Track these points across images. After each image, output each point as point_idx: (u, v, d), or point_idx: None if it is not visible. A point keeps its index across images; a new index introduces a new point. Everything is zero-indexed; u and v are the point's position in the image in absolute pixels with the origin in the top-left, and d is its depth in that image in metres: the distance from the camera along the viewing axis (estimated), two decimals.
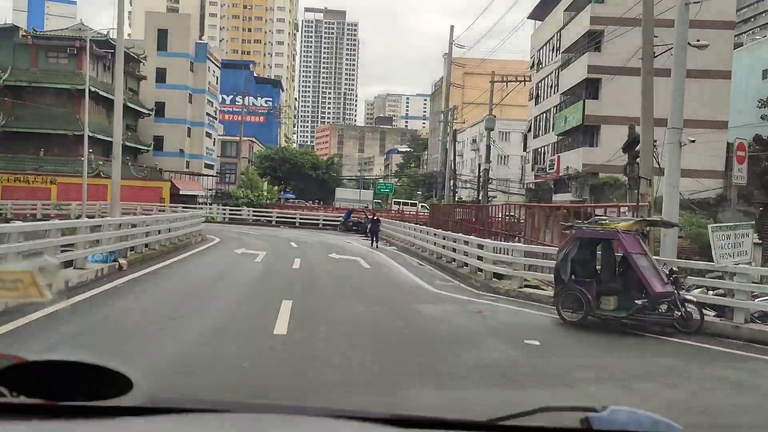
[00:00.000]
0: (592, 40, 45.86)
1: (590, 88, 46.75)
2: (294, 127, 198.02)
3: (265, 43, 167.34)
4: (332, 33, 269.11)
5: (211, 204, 60.49)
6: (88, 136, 51.59)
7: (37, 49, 51.65)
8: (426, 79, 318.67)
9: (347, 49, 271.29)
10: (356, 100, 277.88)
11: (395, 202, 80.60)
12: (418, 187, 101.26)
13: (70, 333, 8.83)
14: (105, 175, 48.07)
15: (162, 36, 66.45)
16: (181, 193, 47.48)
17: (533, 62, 67.58)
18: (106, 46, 55.25)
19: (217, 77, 76.34)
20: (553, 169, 52.08)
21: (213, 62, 72.98)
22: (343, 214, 46.01)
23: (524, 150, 70.73)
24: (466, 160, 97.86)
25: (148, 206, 43.22)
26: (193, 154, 69.27)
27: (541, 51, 62.33)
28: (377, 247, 32.56)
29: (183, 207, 46.35)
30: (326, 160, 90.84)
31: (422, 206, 78.40)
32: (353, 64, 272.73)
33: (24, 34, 53.62)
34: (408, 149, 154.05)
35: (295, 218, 48.43)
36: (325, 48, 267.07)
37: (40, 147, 52.02)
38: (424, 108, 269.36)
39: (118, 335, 9.26)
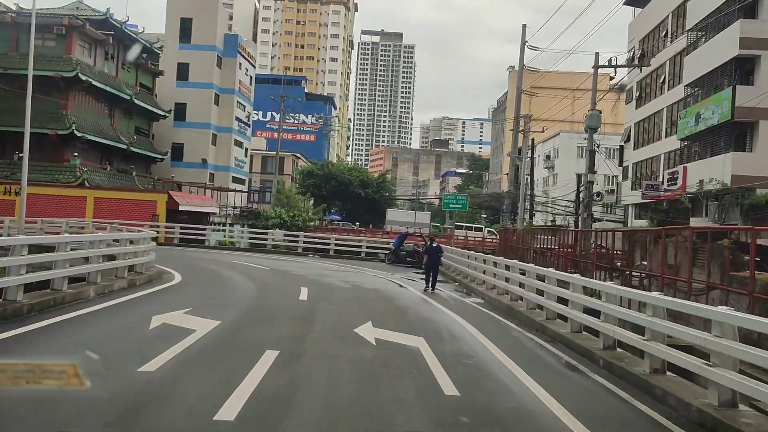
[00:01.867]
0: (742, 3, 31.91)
1: (740, 70, 32.77)
2: (348, 149, 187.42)
3: (318, 60, 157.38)
4: (388, 55, 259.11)
5: (231, 225, 48.17)
6: (80, 136, 40.14)
7: (18, 29, 40.62)
8: (482, 106, 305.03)
9: (403, 72, 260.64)
10: (411, 123, 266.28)
11: (457, 226, 67.31)
12: (481, 210, 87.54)
13: None
14: (92, 185, 36.26)
15: (185, 26, 55.21)
16: (181, 208, 35.46)
17: (632, 56, 53.24)
18: (106, 27, 43.92)
19: (251, 77, 64.69)
20: (676, 184, 37.89)
21: (246, 59, 61.41)
22: (394, 240, 32.97)
23: (620, 164, 56.39)
24: (538, 179, 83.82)
25: (118, 224, 31.12)
26: (218, 166, 57.51)
27: (647, 40, 48.42)
28: (433, 290, 20.32)
29: (181, 227, 34.08)
30: (377, 178, 78.12)
31: (489, 231, 64.92)
32: (409, 86, 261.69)
33: (3, 10, 42.75)
34: (467, 171, 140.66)
35: (328, 244, 35.49)
36: (381, 70, 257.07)
37: (16, 149, 40.77)
38: (481, 133, 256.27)
39: None
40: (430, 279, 21.15)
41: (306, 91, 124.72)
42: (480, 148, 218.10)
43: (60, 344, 8.80)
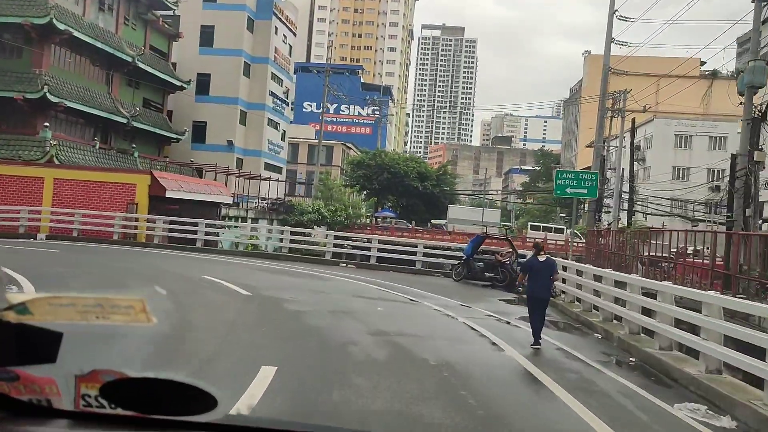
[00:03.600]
0: None
1: None
2: (405, 145, 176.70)
3: (375, 50, 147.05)
4: (449, 50, 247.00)
5: (255, 220, 37.77)
6: (56, 102, 30.39)
7: None
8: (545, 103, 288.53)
9: (464, 67, 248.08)
10: (472, 120, 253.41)
11: (531, 227, 55.51)
12: (558, 208, 75.06)
13: None
14: (63, 162, 26.32)
15: None
16: (169, 195, 25.10)
17: None
18: None
19: (290, 46, 54.31)
20: None
21: (284, 23, 51.04)
22: (466, 245, 21.60)
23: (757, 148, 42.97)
24: (624, 173, 71.04)
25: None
26: (248, 150, 47.35)
27: None
28: (536, 342, 10.18)
29: (171, 221, 23.82)
30: (437, 169, 66.84)
31: (572, 233, 52.97)
32: (470, 82, 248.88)
33: None
34: (534, 167, 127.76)
35: (368, 248, 24.19)
36: (441, 65, 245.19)
37: None
38: (544, 132, 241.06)
39: None
40: (536, 322, 10.31)
41: (362, 81, 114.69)
42: (543, 146, 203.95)
43: None
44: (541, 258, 11.58)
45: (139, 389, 1.08)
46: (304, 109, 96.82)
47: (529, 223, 57.06)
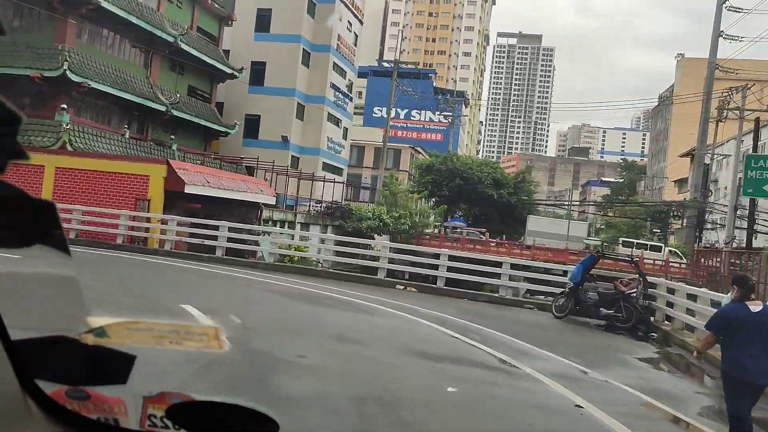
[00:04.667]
0: None
1: None
2: (478, 153, 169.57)
3: (450, 55, 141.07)
4: (525, 58, 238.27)
5: (304, 225, 32.45)
6: (79, 82, 25.97)
7: None
8: (624, 115, 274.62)
9: (541, 76, 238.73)
10: (548, 130, 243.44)
11: (624, 243, 48.09)
12: (649, 224, 66.87)
13: None
14: (76, 149, 21.58)
15: None
16: (189, 190, 19.88)
17: None
18: None
19: (356, 35, 48.97)
20: None
21: (349, 8, 45.75)
22: (573, 269, 15.29)
23: None
24: (724, 186, 63.70)
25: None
26: (305, 147, 42.20)
27: None
28: None
29: (190, 223, 18.59)
30: (514, 176, 60.17)
31: (671, 251, 45.31)
32: (546, 91, 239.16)
33: None
34: (617, 179, 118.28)
35: (435, 266, 18.02)
36: (517, 73, 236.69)
37: None
38: (623, 143, 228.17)
39: None
40: (747, 425, 4.15)
41: (435, 86, 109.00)
42: (622, 158, 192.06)
43: None
44: (755, 307, 5.57)
45: (203, 412, 1.09)
46: (374, 114, 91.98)
47: (621, 239, 49.64)
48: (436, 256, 17.62)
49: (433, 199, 54.66)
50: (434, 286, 17.07)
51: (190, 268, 16.31)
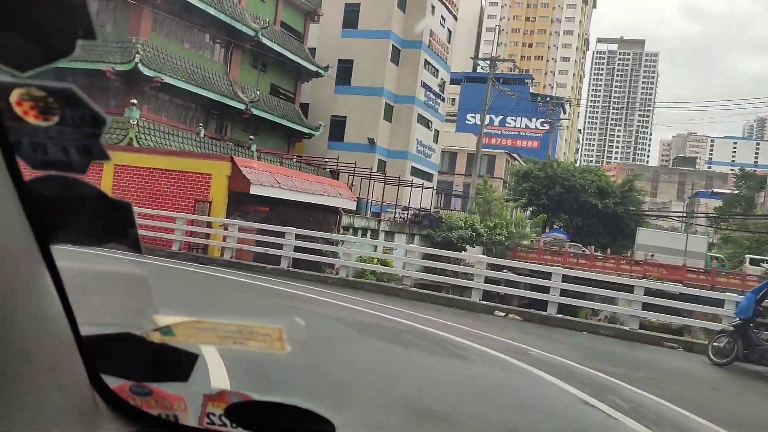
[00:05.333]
0: None
1: None
2: (576, 162, 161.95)
3: (547, 60, 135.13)
4: (627, 64, 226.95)
5: (389, 234, 29.44)
6: (151, 77, 24.23)
7: None
8: (735, 124, 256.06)
9: (643, 82, 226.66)
10: (650, 139, 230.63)
11: (751, 261, 42.09)
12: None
13: None
14: (144, 146, 19.54)
15: None
16: (255, 192, 17.23)
17: None
18: None
19: (449, 30, 45.57)
20: None
21: (443, 2, 42.45)
22: (743, 298, 11.38)
23: None
24: None
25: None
26: (392, 150, 39.24)
27: None
28: None
29: (257, 228, 15.93)
30: (621, 185, 54.92)
31: None
32: (649, 98, 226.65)
33: None
34: (734, 191, 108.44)
35: (547, 288, 14.43)
36: (617, 80, 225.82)
37: None
38: (734, 153, 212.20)
39: None
40: None
41: (531, 92, 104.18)
42: (732, 170, 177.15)
43: None
44: None
45: (262, 412, 1.11)
46: (467, 122, 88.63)
47: (747, 256, 43.62)
48: (546, 275, 13.97)
49: (530, 209, 50.45)
50: (543, 313, 13.44)
51: (249, 283, 13.50)
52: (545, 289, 13.67)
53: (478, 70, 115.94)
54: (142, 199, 18.17)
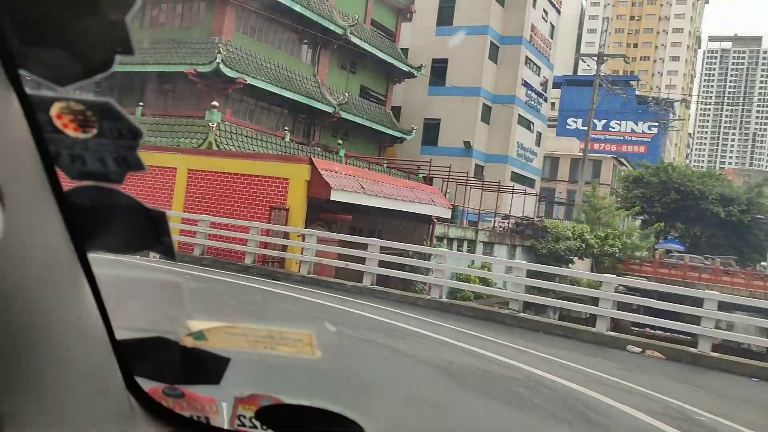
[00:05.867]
0: None
1: None
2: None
3: (654, 60, 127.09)
4: (741, 63, 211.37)
5: (485, 245, 26.73)
6: (233, 78, 22.92)
7: None
8: None
9: (761, 82, 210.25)
10: None
11: None
12: None
13: None
14: (226, 151, 18.01)
15: None
16: (336, 198, 15.11)
17: None
18: None
19: (552, 25, 42.16)
20: None
21: None
22: None
23: None
24: None
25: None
26: (490, 154, 36.36)
27: None
28: None
29: (339, 240, 13.83)
30: (748, 191, 49.24)
31: None
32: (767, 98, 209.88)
33: None
34: None
35: (697, 318, 11.26)
36: (731, 80, 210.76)
37: (138, 97, 25.01)
38: None
39: None
40: None
41: (637, 93, 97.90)
42: None
43: None
44: None
45: (292, 414, 1.12)
46: (568, 126, 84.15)
47: None
48: (696, 300, 10.90)
49: (641, 217, 46.02)
50: (693, 350, 10.38)
51: (322, 305, 11.30)
52: (695, 318, 10.63)
53: (579, 73, 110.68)
54: (215, 205, 16.48)
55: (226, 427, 1.12)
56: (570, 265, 29.63)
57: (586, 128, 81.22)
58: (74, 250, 0.75)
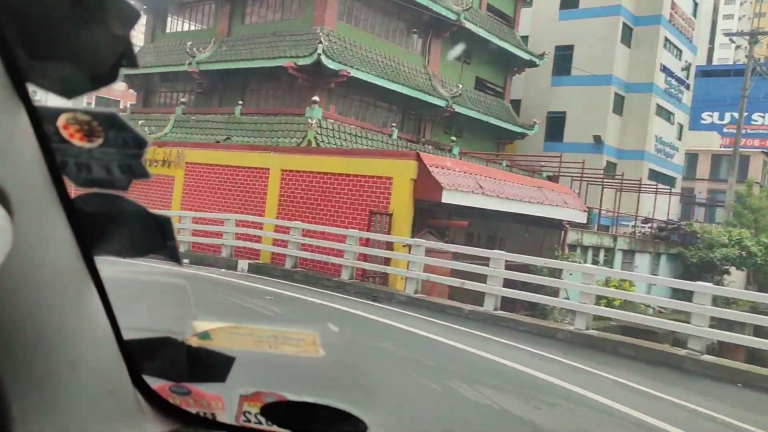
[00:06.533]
0: None
1: None
2: None
3: None
4: None
5: (625, 254, 22.98)
6: (336, 71, 20.90)
7: None
8: None
9: None
10: None
11: None
12: None
13: None
14: (325, 149, 15.88)
15: None
16: (447, 201, 12.41)
17: None
18: None
19: (695, 2, 36.94)
20: None
21: None
22: None
23: None
24: None
25: None
26: (624, 150, 32.09)
27: None
28: None
29: (453, 252, 11.09)
30: None
31: None
32: None
33: None
34: None
35: None
36: None
37: (239, 95, 23.33)
38: None
39: None
40: None
41: None
42: None
43: None
44: None
45: (296, 411, 1.13)
46: (702, 121, 76.25)
47: None
48: None
49: None
50: None
51: (426, 339, 8.55)
52: None
53: (713, 63, 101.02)
54: (309, 210, 14.22)
55: (232, 423, 1.12)
56: (725, 276, 25.09)
57: (722, 122, 73.19)
58: (81, 255, 0.77)
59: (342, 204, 13.70)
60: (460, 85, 25.75)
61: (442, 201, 12.70)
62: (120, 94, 39.86)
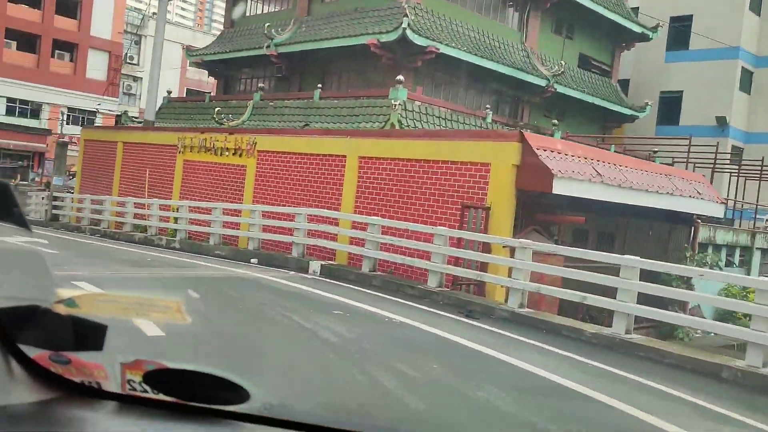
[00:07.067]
0: None
1: None
2: None
3: None
4: None
5: (764, 253, 19.48)
6: (423, 47, 18.74)
7: None
8: None
9: None
10: None
11: None
12: None
13: None
14: (407, 133, 13.83)
15: None
16: (559, 191, 9.98)
17: None
18: None
19: None
20: None
21: None
22: None
23: None
24: None
25: None
26: (753, 133, 27.99)
27: None
28: None
29: (564, 256, 8.65)
30: None
31: None
32: None
33: None
34: None
35: None
36: None
37: (318, 78, 21.42)
38: None
39: None
40: None
41: None
42: None
43: None
44: None
45: (178, 379, 1.14)
46: None
47: None
48: None
49: None
50: None
51: (533, 376, 6.22)
52: None
53: None
54: (390, 204, 12.10)
55: (118, 391, 1.11)
56: None
57: None
58: None
59: (429, 196, 11.50)
60: (562, 63, 22.83)
61: (554, 192, 10.24)
62: (210, 86, 39.36)
